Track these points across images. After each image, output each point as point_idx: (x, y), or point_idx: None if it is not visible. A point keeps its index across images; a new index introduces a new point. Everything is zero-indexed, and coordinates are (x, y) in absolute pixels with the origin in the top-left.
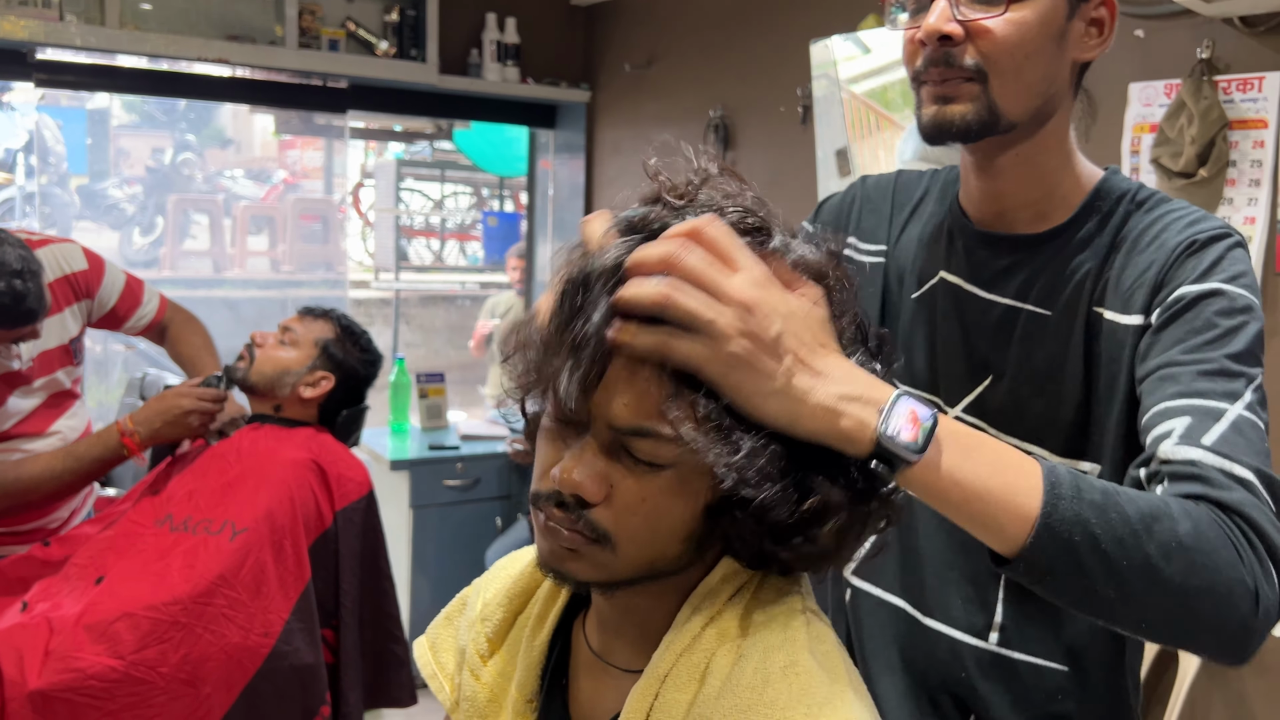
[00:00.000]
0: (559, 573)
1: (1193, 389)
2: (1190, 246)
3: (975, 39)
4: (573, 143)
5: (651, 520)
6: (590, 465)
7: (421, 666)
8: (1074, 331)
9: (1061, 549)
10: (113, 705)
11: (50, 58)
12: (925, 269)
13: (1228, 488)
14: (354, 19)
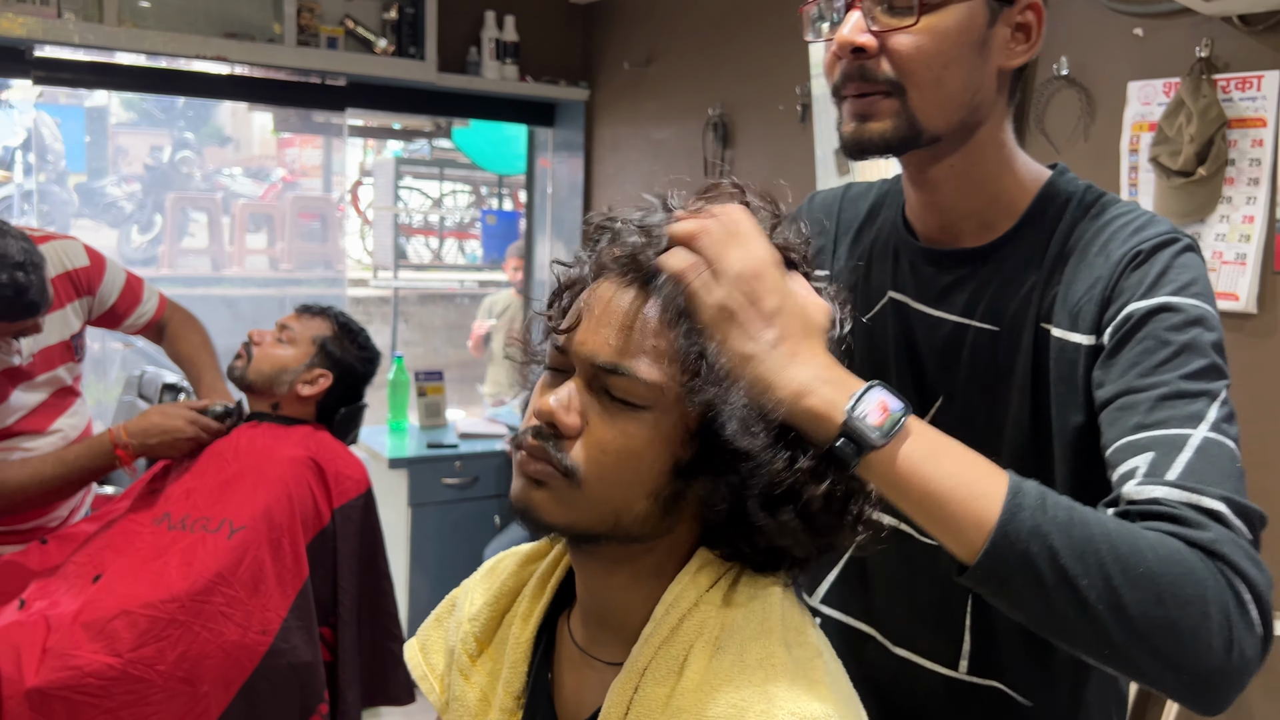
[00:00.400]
0: (527, 510)
1: (1152, 419)
2: (1135, 258)
3: (890, 51)
4: (571, 141)
5: (621, 462)
6: (570, 398)
7: (413, 668)
8: (1021, 348)
9: (1018, 559)
10: (110, 703)
11: (48, 55)
12: (874, 289)
13: (1199, 525)
14: (353, 17)
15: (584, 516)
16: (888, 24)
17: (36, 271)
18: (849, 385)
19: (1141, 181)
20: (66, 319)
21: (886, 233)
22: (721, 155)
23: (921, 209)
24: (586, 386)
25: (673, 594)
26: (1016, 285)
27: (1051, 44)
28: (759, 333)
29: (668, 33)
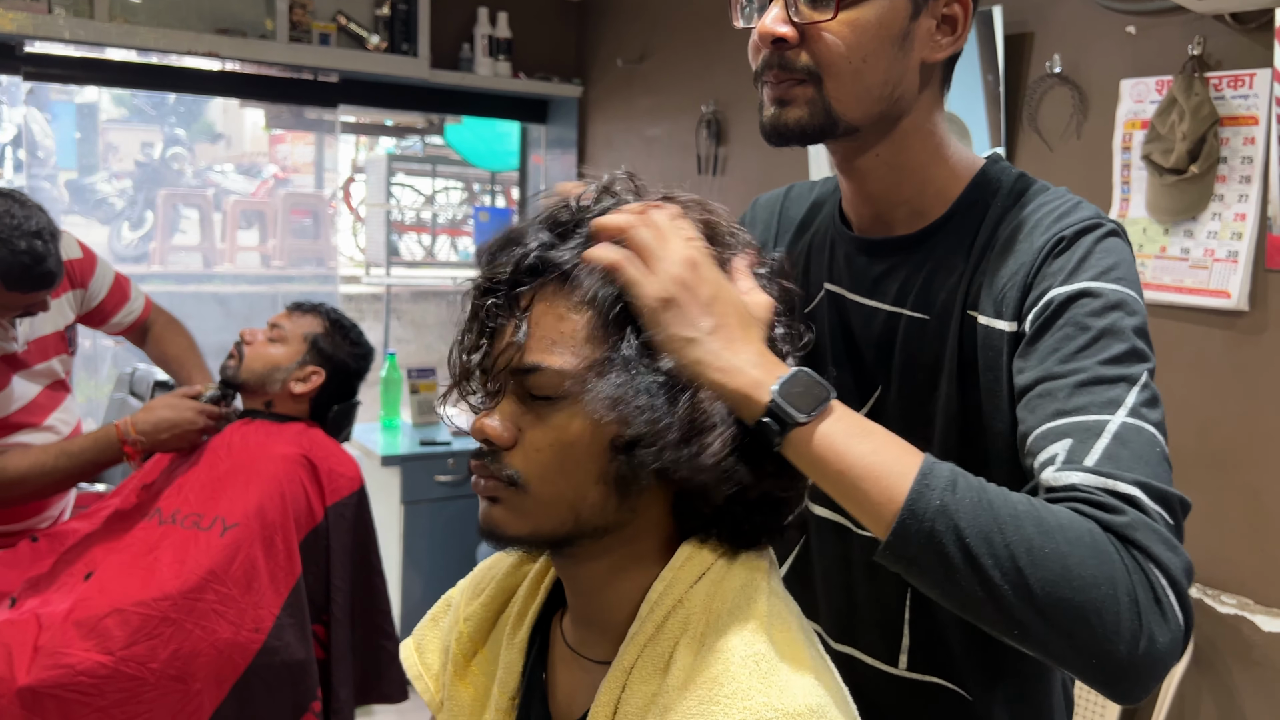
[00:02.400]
0: (490, 529)
1: (1070, 405)
2: (1058, 245)
3: (809, 41)
4: (564, 138)
5: (558, 456)
6: (497, 412)
7: (408, 668)
8: (949, 337)
9: (925, 538)
10: (102, 701)
11: (39, 51)
12: (812, 282)
13: (1114, 509)
14: (345, 13)
15: (543, 521)
16: (808, 16)
17: (54, 242)
18: (777, 369)
19: (1134, 179)
20: (61, 309)
21: (825, 226)
22: (715, 152)
23: (854, 199)
24: (513, 396)
25: (657, 591)
26: (946, 273)
27: (1044, 42)
28: (697, 319)
29: (661, 29)
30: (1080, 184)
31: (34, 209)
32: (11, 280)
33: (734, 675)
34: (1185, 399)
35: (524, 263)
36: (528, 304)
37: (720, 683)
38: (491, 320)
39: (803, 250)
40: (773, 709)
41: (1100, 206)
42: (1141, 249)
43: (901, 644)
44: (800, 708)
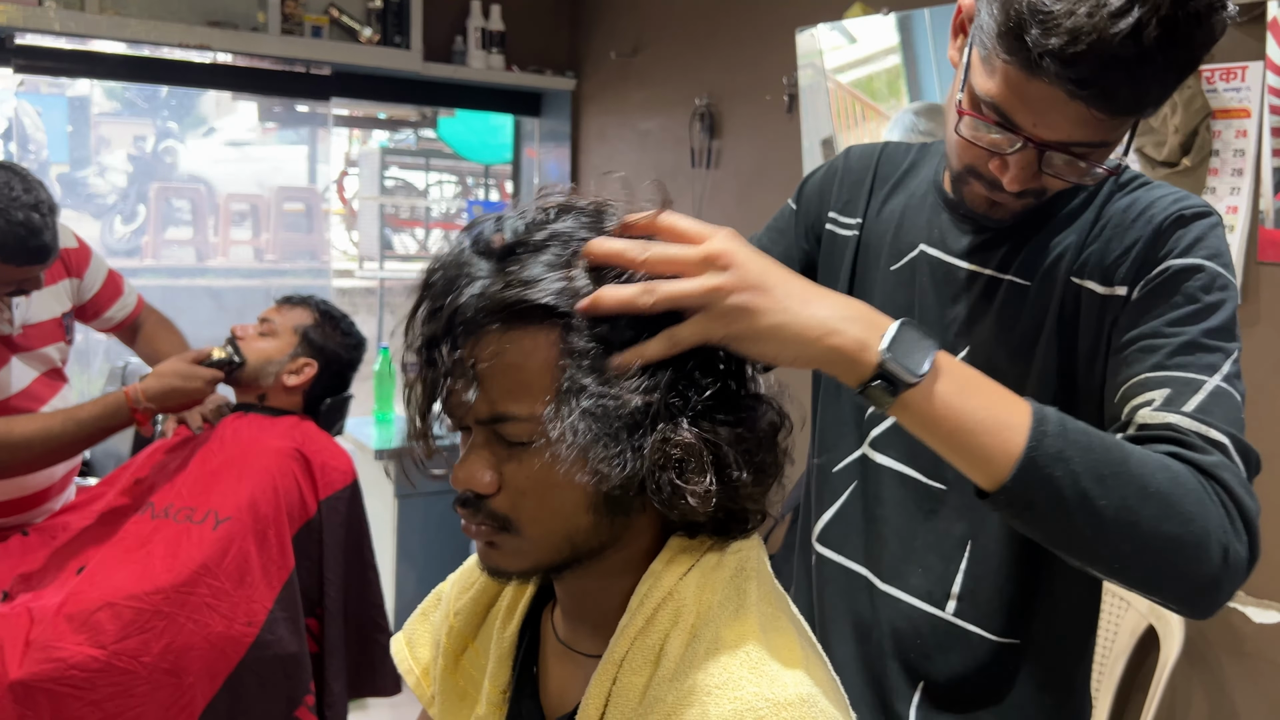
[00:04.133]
0: (492, 569)
1: (1173, 361)
2: (1178, 220)
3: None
4: (558, 131)
5: (543, 496)
6: (475, 460)
7: (399, 663)
8: (1052, 301)
9: (1043, 483)
10: (95, 695)
11: (29, 43)
12: (905, 241)
13: (1204, 450)
14: (337, 5)
15: (541, 555)
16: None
17: (52, 216)
18: (877, 323)
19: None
20: (58, 296)
21: (923, 190)
22: (709, 145)
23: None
24: (486, 442)
25: (646, 584)
26: (1053, 246)
27: None
28: (768, 304)
29: (655, 22)
30: None
31: (34, 182)
32: (7, 252)
33: (724, 665)
34: None
35: (468, 310)
36: (479, 351)
37: (711, 673)
38: (443, 371)
39: (897, 209)
40: (763, 699)
41: None
42: None
43: (952, 590)
44: (791, 697)
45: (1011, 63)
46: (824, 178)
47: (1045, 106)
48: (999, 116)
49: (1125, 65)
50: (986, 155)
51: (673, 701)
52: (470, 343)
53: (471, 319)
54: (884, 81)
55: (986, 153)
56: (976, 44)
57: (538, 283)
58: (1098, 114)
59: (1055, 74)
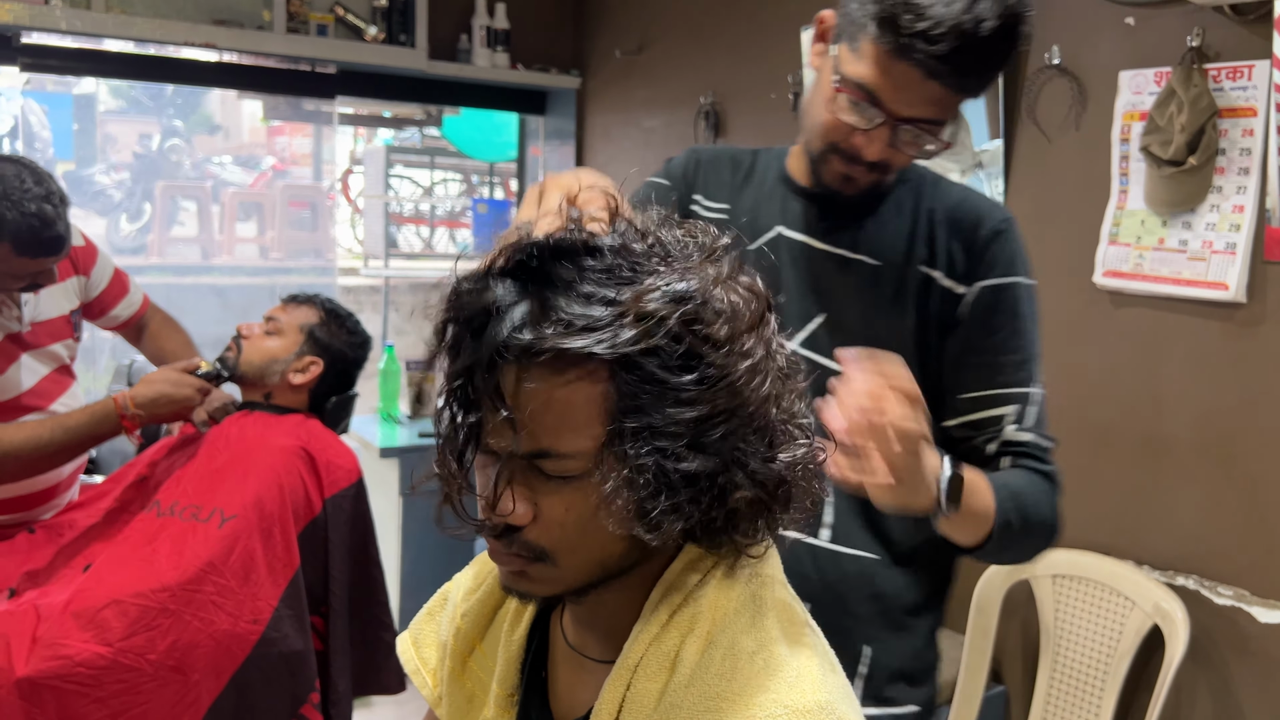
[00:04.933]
0: (521, 595)
1: (1015, 378)
2: (998, 235)
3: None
4: (563, 129)
5: (581, 528)
6: (512, 493)
7: (405, 662)
8: (903, 280)
9: (1003, 539)
10: (101, 692)
11: (35, 42)
12: (762, 224)
13: (1048, 460)
14: (342, 4)
15: (573, 580)
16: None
17: (64, 208)
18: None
19: (1132, 171)
20: (67, 293)
21: (772, 182)
22: (713, 142)
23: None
24: (521, 471)
25: (660, 591)
26: (887, 228)
27: (1043, 33)
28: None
29: (659, 20)
30: (1079, 176)
31: (44, 175)
32: (21, 244)
33: (742, 672)
34: (1183, 391)
35: (514, 346)
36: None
37: (728, 679)
38: (476, 406)
39: (750, 198)
40: (782, 705)
41: (1098, 198)
42: (1140, 241)
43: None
44: (809, 704)
45: (882, 45)
46: (685, 164)
47: (906, 84)
48: (866, 94)
49: (974, 50)
50: (850, 131)
51: (690, 708)
52: (513, 375)
53: (517, 354)
54: None
55: (850, 129)
56: (844, 40)
57: (591, 328)
58: (948, 92)
59: (921, 54)
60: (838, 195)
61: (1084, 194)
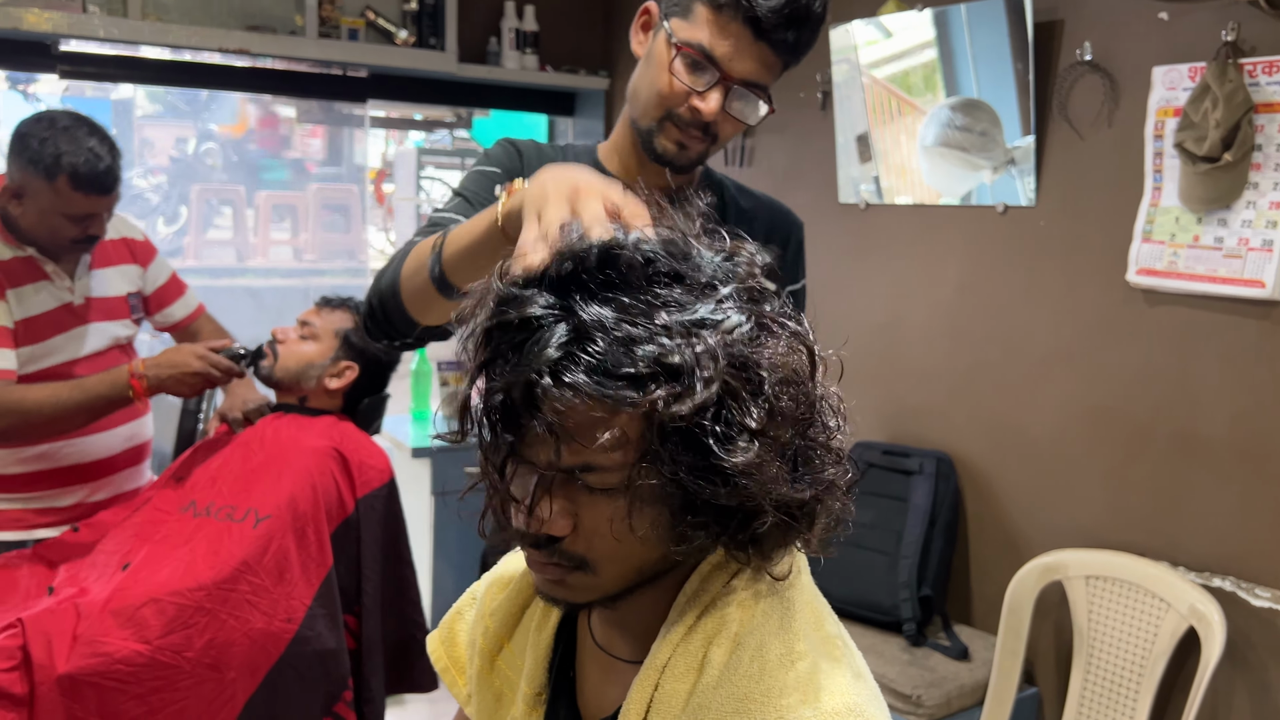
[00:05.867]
0: (558, 602)
1: None
2: (802, 243)
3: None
4: (592, 130)
5: (620, 538)
6: (552, 504)
7: (435, 661)
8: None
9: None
10: (139, 689)
11: (73, 49)
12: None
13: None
14: (373, 8)
15: (610, 587)
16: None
17: (114, 153)
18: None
19: (1166, 167)
20: (124, 276)
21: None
22: (742, 143)
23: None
24: (561, 482)
25: (688, 593)
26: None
27: (1075, 29)
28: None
29: None
30: (1112, 173)
31: (100, 127)
32: (78, 178)
33: (770, 674)
34: (1218, 389)
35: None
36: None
37: (756, 681)
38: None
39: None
40: (810, 707)
41: (1132, 196)
42: (1174, 238)
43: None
44: (838, 707)
45: (719, 9)
46: (508, 155)
47: (739, 44)
48: (704, 54)
49: (799, 18)
50: (686, 95)
51: (718, 709)
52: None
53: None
54: (920, 76)
55: (687, 93)
56: (675, 15)
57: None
58: (774, 54)
59: (754, 13)
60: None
61: (1117, 191)
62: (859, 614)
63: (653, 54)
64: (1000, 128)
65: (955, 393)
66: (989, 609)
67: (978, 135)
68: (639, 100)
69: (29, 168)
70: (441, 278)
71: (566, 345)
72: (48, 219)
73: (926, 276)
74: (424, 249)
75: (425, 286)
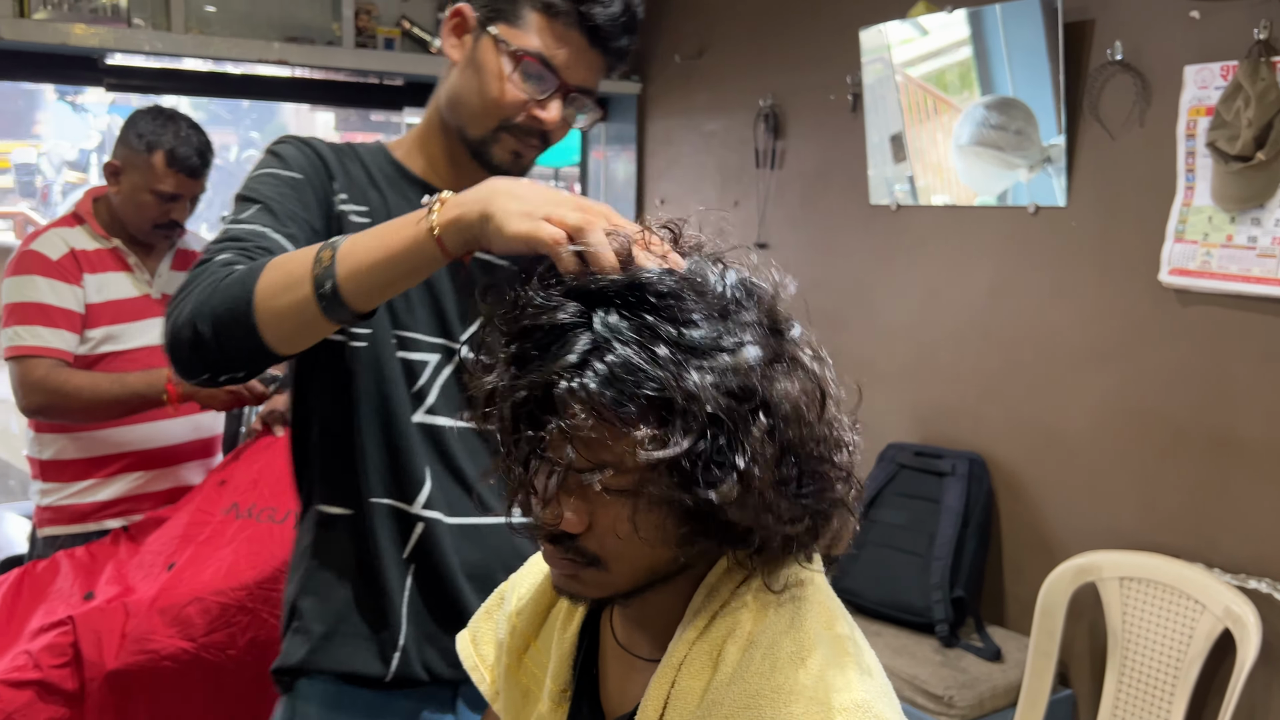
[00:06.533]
0: (572, 596)
1: None
2: None
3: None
4: (624, 134)
5: (631, 538)
6: (567, 502)
7: (464, 659)
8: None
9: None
10: (185, 685)
11: (119, 62)
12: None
13: None
14: (408, 17)
15: (622, 584)
16: None
17: (207, 147)
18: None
19: (1199, 167)
20: None
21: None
22: (773, 146)
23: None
24: (577, 482)
25: (703, 594)
26: None
27: (1105, 28)
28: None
29: (718, 24)
30: (1144, 173)
31: (198, 126)
32: (172, 156)
33: (781, 670)
34: (1252, 390)
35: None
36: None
37: (767, 678)
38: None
39: (378, 198)
40: (819, 703)
41: (1164, 195)
42: (1207, 238)
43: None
44: (847, 703)
45: (552, 16)
46: (305, 155)
47: (575, 51)
48: (544, 63)
49: (632, 26)
50: (525, 104)
51: (730, 704)
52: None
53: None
54: (956, 75)
55: (525, 102)
56: (500, 21)
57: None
58: (604, 60)
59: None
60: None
61: (1149, 191)
62: (891, 615)
63: (478, 61)
64: (1036, 126)
65: (988, 394)
66: (1022, 610)
67: (1013, 134)
68: (467, 109)
69: (131, 144)
70: (334, 296)
71: (586, 354)
72: (138, 194)
73: (958, 277)
74: (295, 266)
75: (303, 307)
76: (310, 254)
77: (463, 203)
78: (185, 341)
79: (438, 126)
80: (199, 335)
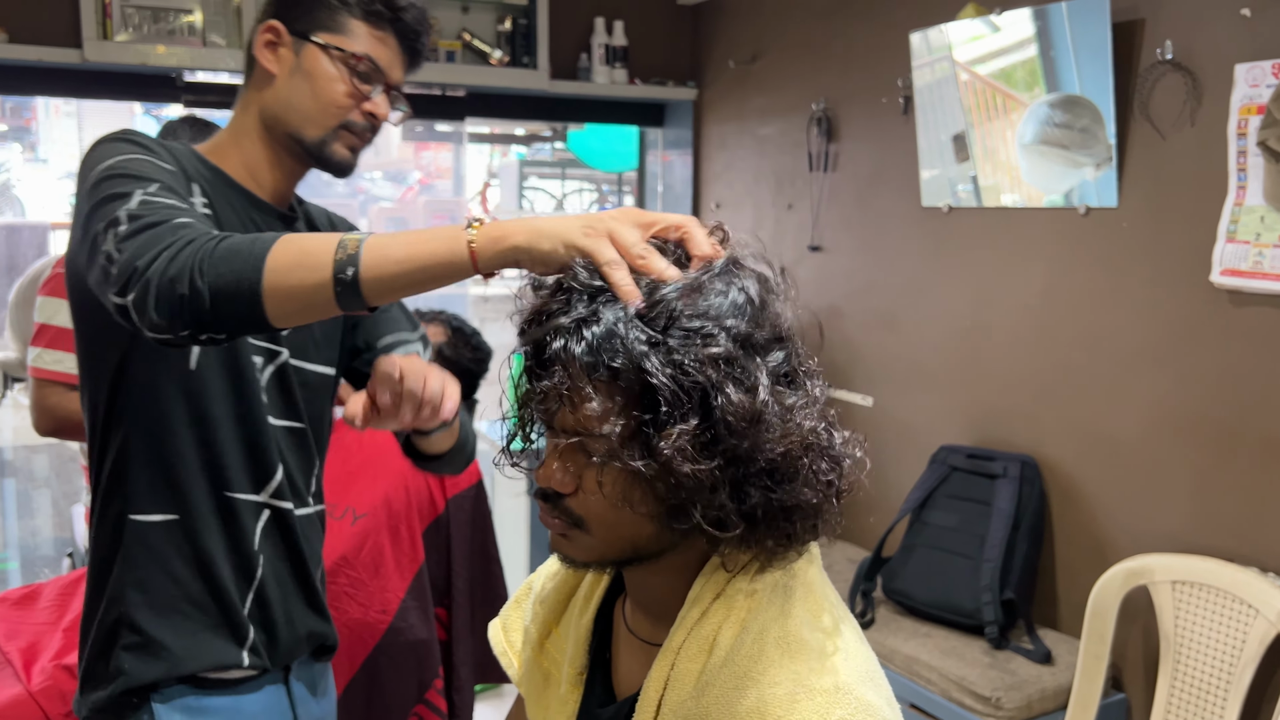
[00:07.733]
0: (561, 555)
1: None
2: None
3: None
4: (681, 139)
5: (613, 504)
6: (559, 463)
7: (494, 646)
8: None
9: None
10: None
11: (196, 80)
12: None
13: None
14: (469, 30)
15: (606, 551)
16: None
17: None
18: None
19: (1250, 166)
20: None
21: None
22: (826, 149)
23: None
24: (571, 448)
25: (700, 583)
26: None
27: (1155, 28)
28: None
29: (772, 29)
30: (1194, 172)
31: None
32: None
33: (767, 654)
34: None
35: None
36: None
37: (755, 660)
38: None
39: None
40: (801, 685)
41: (1215, 195)
42: (1259, 238)
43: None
44: (827, 685)
45: (376, 23)
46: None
47: (391, 53)
48: (373, 65)
49: (424, 30)
50: (360, 102)
51: (721, 686)
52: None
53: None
54: (1025, 71)
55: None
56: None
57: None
58: (409, 60)
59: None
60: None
61: (1200, 191)
62: (941, 616)
63: (307, 69)
64: (1102, 124)
65: (1040, 396)
66: (1074, 613)
67: (1078, 132)
68: (301, 113)
69: None
70: (353, 285)
71: (579, 321)
72: None
73: (1010, 279)
74: (313, 247)
75: (317, 289)
76: (330, 240)
77: (504, 224)
78: (179, 296)
79: (255, 133)
80: (196, 292)
